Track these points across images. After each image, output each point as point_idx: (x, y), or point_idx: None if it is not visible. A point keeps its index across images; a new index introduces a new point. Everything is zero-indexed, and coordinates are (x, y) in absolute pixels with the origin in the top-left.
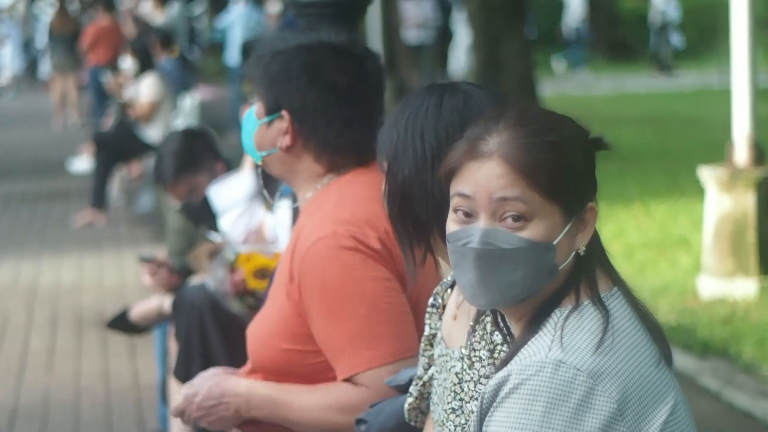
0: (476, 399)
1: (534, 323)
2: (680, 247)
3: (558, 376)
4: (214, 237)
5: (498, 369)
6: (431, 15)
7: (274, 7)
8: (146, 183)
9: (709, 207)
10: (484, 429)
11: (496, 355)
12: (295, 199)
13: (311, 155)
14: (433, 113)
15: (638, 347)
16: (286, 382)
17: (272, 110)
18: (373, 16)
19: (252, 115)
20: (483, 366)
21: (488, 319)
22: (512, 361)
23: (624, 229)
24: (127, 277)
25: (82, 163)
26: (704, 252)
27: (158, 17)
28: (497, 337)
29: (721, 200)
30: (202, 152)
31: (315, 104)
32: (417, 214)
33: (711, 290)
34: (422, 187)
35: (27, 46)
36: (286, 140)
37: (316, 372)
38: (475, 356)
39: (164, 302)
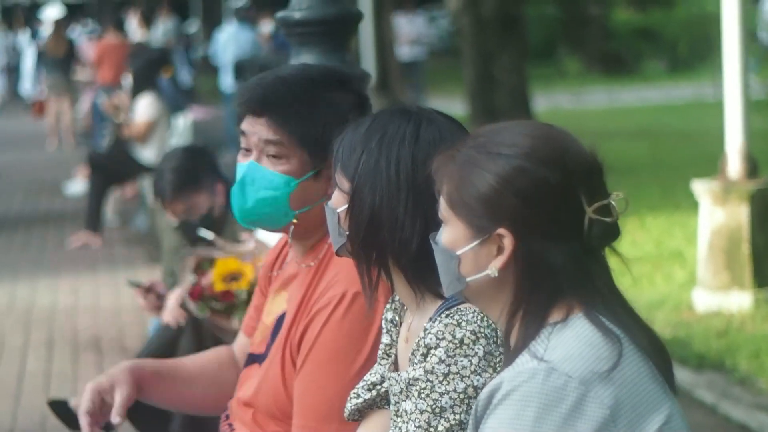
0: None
1: (527, 335)
2: (675, 260)
3: (550, 383)
4: (206, 234)
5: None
6: (424, 31)
7: (266, 27)
8: (140, 204)
9: (703, 220)
10: None
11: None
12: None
13: None
14: (411, 142)
15: (633, 358)
16: (275, 424)
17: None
18: (366, 33)
19: (274, 175)
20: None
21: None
22: (505, 369)
23: (618, 243)
24: (122, 298)
25: (77, 185)
26: (699, 265)
27: (143, 35)
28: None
29: (714, 213)
30: (203, 171)
31: None
32: (383, 243)
33: (706, 303)
34: (392, 216)
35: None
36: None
37: None
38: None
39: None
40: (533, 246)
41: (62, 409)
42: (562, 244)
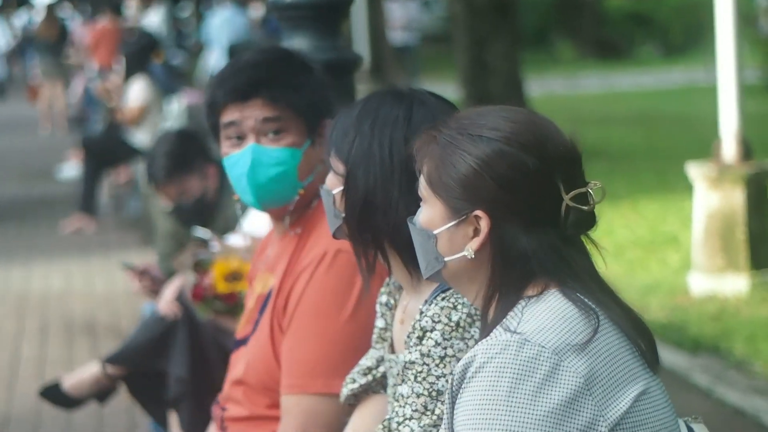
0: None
1: (500, 311)
2: (670, 244)
3: (523, 354)
4: (201, 233)
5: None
6: (416, 16)
7: (256, 12)
8: (134, 188)
9: (698, 204)
10: (455, 410)
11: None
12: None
13: None
14: (403, 124)
15: (609, 332)
16: (266, 396)
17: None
18: (359, 17)
19: (279, 151)
20: None
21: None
22: (478, 343)
23: (613, 228)
24: (116, 283)
25: (71, 169)
26: (694, 249)
27: (143, 17)
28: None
29: (709, 197)
30: (195, 154)
31: None
32: (377, 225)
33: (701, 287)
34: (387, 198)
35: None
36: None
37: None
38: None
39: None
40: (509, 229)
41: (55, 393)
42: (538, 229)
